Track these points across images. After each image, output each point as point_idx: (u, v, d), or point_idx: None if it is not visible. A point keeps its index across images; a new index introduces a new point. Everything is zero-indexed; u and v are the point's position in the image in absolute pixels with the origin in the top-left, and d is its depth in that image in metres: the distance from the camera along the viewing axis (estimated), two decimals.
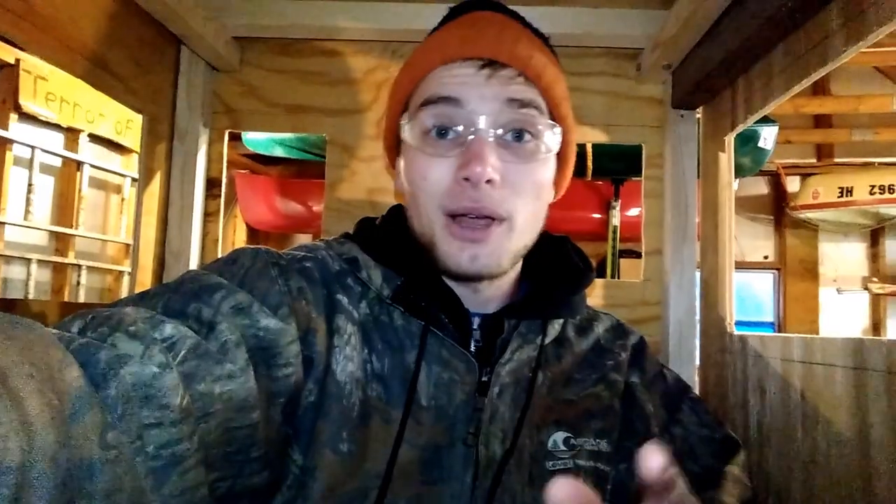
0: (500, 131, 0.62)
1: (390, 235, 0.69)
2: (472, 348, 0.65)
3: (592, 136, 1.13)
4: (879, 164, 3.24)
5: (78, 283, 3.42)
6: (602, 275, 2.62)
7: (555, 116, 0.66)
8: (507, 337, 0.66)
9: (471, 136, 0.62)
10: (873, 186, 3.13)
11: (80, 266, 3.42)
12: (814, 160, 3.50)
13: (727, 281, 0.95)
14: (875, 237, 3.52)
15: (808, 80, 0.76)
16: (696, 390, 1.00)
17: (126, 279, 3.72)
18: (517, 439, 0.61)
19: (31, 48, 0.80)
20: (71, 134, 3.39)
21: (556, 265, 0.73)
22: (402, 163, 0.70)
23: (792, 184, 3.75)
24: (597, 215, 3.01)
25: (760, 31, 0.80)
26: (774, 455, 0.77)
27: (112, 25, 0.92)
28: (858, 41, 0.67)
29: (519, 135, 0.63)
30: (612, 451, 0.66)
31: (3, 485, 0.30)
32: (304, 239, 4.27)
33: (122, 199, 3.76)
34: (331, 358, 0.60)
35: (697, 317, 1.04)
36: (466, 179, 0.61)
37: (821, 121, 3.57)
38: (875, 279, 3.26)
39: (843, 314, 3.47)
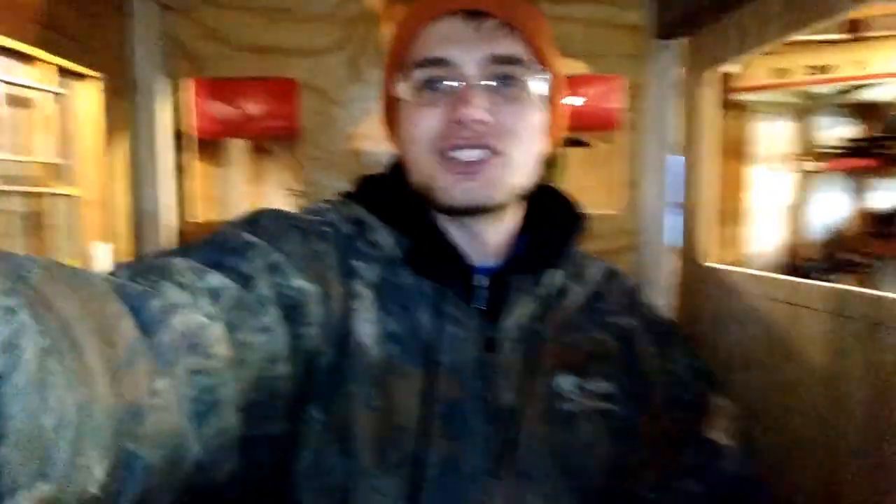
0: (488, 81, 0.65)
1: (393, 194, 0.71)
2: (480, 305, 0.68)
3: (572, 67, 1.12)
4: (817, 41, 3.30)
5: None
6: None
7: (542, 65, 0.69)
8: (511, 292, 0.69)
9: (461, 84, 0.65)
10: (808, 66, 3.20)
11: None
12: None
13: (708, 216, 0.99)
14: (803, 114, 3.66)
15: (809, 29, 0.77)
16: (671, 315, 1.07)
17: (56, 203, 3.51)
18: (529, 388, 0.66)
19: None
20: None
21: (550, 215, 0.76)
22: (399, 121, 0.71)
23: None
24: None
25: None
26: (751, 378, 0.86)
27: None
28: None
29: (507, 83, 0.66)
30: (618, 392, 0.73)
31: (62, 438, 0.32)
32: (236, 144, 4.06)
33: (47, 117, 3.44)
34: (350, 321, 0.63)
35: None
36: (457, 122, 0.64)
37: None
38: (803, 156, 3.44)
39: (772, 191, 3.67)
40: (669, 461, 0.68)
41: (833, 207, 3.45)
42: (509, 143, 0.66)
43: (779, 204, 3.73)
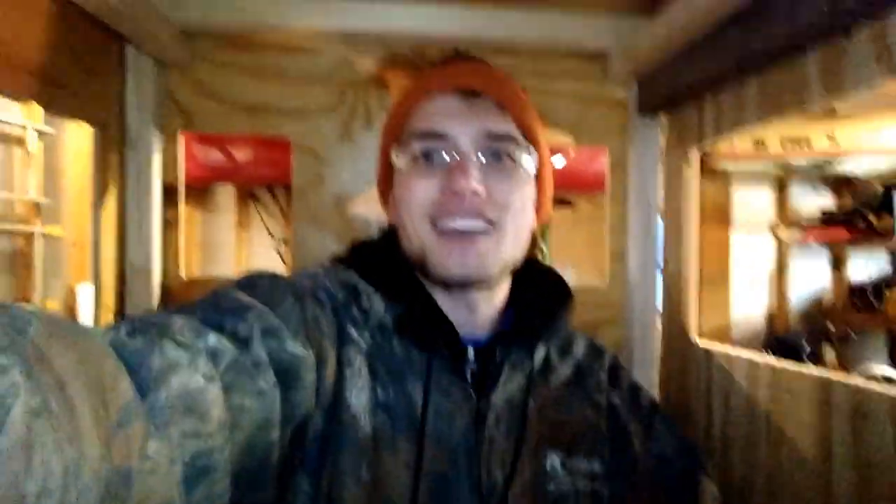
0: (481, 156, 0.68)
1: (386, 261, 0.72)
2: (469, 378, 0.68)
3: (559, 139, 1.15)
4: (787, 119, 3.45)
5: None
6: None
7: (530, 142, 0.71)
8: (499, 366, 0.69)
9: (455, 158, 0.67)
10: (783, 139, 3.32)
11: None
12: None
13: (691, 290, 1.01)
14: (781, 185, 3.76)
15: (783, 118, 0.80)
16: (655, 392, 1.07)
17: (40, 242, 3.46)
18: (516, 465, 0.66)
19: None
20: None
21: (537, 289, 0.77)
22: (395, 190, 0.73)
23: None
24: None
25: (740, 62, 0.82)
26: (738, 460, 0.86)
27: (55, 35, 0.83)
28: (837, 94, 0.71)
29: (499, 159, 0.69)
30: (604, 471, 0.72)
31: (49, 496, 0.31)
32: (225, 190, 4.07)
33: (28, 154, 3.43)
34: (342, 389, 0.63)
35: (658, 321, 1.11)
36: (452, 192, 0.66)
37: None
38: (781, 225, 3.52)
39: (752, 258, 3.74)
40: None
41: (813, 277, 3.52)
42: (502, 215, 0.68)
43: (759, 270, 3.79)
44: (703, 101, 0.98)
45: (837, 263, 3.44)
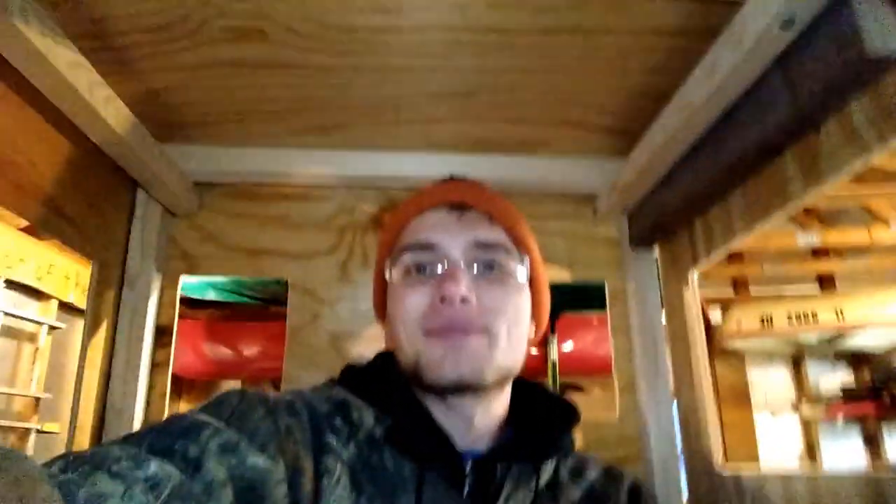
0: (473, 267, 0.68)
1: (378, 376, 0.70)
2: (465, 493, 0.62)
3: (556, 275, 1.16)
4: (791, 295, 3.48)
5: None
6: None
7: (521, 251, 0.72)
8: (501, 481, 0.63)
9: (446, 268, 0.67)
10: (790, 315, 3.32)
11: None
12: (731, 293, 3.72)
13: (708, 415, 0.94)
14: (797, 362, 3.69)
15: (770, 221, 0.81)
16: None
17: (33, 437, 3.32)
18: None
19: None
20: None
21: (540, 407, 0.73)
22: (388, 304, 0.73)
23: (713, 315, 3.95)
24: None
25: (718, 177, 0.86)
26: None
27: (70, 170, 0.89)
28: (817, 185, 0.73)
29: (490, 267, 0.69)
30: None
31: None
32: (231, 385, 4.03)
33: (36, 349, 3.45)
34: (319, 500, 0.58)
35: (679, 452, 1.02)
36: (442, 300, 0.64)
37: (733, 257, 3.87)
38: (805, 403, 3.38)
39: (777, 438, 3.54)
40: None
41: (846, 455, 3.29)
42: (494, 322, 0.66)
43: (788, 453, 3.55)
44: (691, 223, 1.00)
45: (870, 440, 3.24)
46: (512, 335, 0.68)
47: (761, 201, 0.83)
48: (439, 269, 0.68)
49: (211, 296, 2.76)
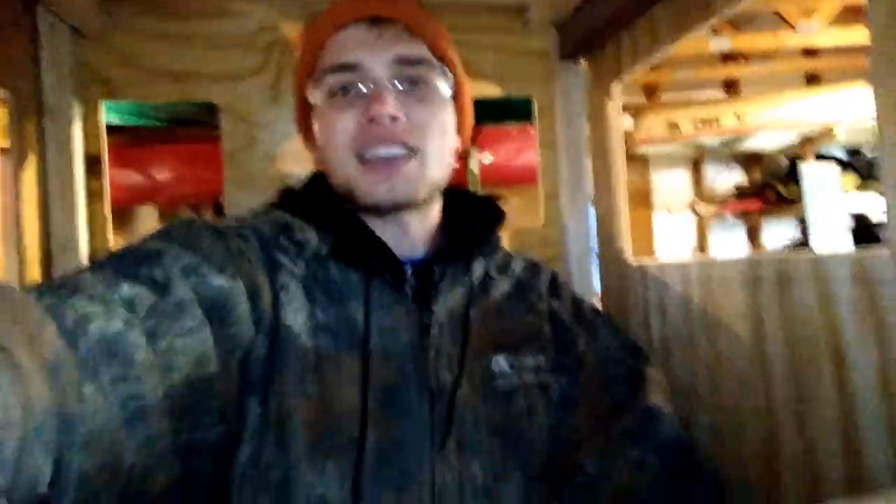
0: (396, 83, 0.69)
1: (316, 197, 0.73)
2: (409, 294, 0.70)
3: (485, 89, 1.18)
4: (697, 101, 3.64)
5: None
6: None
7: (444, 65, 0.73)
8: (439, 280, 0.72)
9: (371, 87, 0.69)
10: (695, 120, 3.50)
11: None
12: (643, 100, 3.85)
13: (622, 217, 1.06)
14: (696, 164, 3.96)
15: (693, 32, 0.85)
16: None
17: None
18: (464, 367, 0.68)
19: None
20: None
21: (471, 212, 0.80)
22: (315, 127, 0.75)
23: (625, 122, 4.11)
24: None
25: None
26: (679, 362, 0.90)
27: None
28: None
29: (415, 84, 0.71)
30: (551, 366, 0.74)
31: (9, 436, 0.32)
32: (146, 212, 3.93)
33: None
34: (279, 312, 0.63)
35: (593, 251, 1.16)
36: (371, 121, 0.67)
37: None
38: (699, 202, 3.71)
39: (673, 235, 3.91)
40: (610, 429, 0.70)
41: (732, 247, 3.73)
42: (423, 139, 0.70)
43: (682, 246, 3.98)
44: (619, 37, 1.03)
45: (753, 233, 3.67)
46: (440, 151, 0.73)
47: (686, 14, 0.86)
48: (364, 90, 0.69)
49: (113, 120, 2.59)
